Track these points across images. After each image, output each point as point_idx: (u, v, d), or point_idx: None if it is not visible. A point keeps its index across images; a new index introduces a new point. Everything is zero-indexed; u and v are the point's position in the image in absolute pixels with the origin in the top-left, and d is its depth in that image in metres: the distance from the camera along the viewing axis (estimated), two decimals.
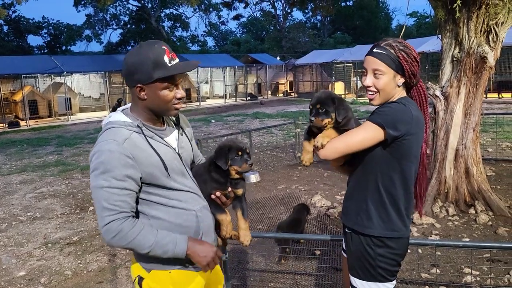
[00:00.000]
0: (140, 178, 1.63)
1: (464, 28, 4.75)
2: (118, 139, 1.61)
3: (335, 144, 1.80)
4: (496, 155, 7.69)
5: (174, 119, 1.88)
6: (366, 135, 1.77)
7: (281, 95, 28.21)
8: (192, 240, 1.70)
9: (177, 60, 1.68)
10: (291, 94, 27.75)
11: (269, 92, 28.52)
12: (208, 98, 26.86)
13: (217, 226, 1.89)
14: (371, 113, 1.85)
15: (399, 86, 1.84)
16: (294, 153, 8.74)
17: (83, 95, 22.88)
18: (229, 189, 1.86)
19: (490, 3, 4.48)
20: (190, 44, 43.03)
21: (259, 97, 26.35)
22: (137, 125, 1.68)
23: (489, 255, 3.92)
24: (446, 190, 5.10)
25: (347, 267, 2.20)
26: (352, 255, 1.94)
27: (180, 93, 1.71)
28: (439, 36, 5.22)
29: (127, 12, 36.78)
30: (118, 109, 1.79)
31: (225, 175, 1.85)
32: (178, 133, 1.85)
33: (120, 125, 1.66)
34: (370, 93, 1.85)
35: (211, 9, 39.70)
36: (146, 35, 34.86)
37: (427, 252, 4.07)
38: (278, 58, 32.07)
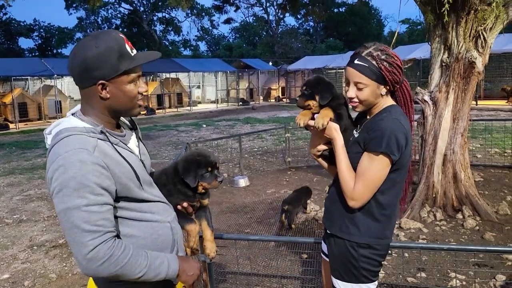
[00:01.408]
0: (115, 191, 1.41)
1: (453, 33, 4.78)
2: (87, 147, 1.36)
3: (358, 192, 1.76)
4: (485, 161, 7.74)
5: (127, 122, 1.68)
6: (379, 169, 1.74)
7: (273, 100, 28.27)
8: (180, 258, 1.56)
9: (135, 50, 1.50)
10: (283, 99, 27.83)
11: (261, 98, 28.56)
12: (199, 102, 26.83)
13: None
14: (367, 134, 1.79)
15: (382, 95, 1.82)
16: (284, 158, 8.72)
17: (73, 98, 22.68)
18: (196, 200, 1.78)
19: (479, 8, 4.52)
20: (182, 49, 43.07)
21: (251, 102, 26.37)
22: (101, 130, 1.43)
23: (475, 259, 3.93)
24: (434, 195, 5.10)
25: (327, 269, 2.19)
26: (335, 258, 1.92)
27: (144, 87, 1.51)
28: (430, 41, 5.25)
29: (119, 15, 36.78)
30: (66, 113, 1.53)
31: (193, 188, 1.75)
32: (136, 137, 1.66)
33: (79, 132, 1.39)
34: (353, 103, 1.84)
35: (203, 13, 39.76)
36: (138, 39, 34.81)
37: (414, 256, 4.07)
38: (270, 63, 32.18)
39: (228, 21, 45.05)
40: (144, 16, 34.22)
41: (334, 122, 1.87)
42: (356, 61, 1.77)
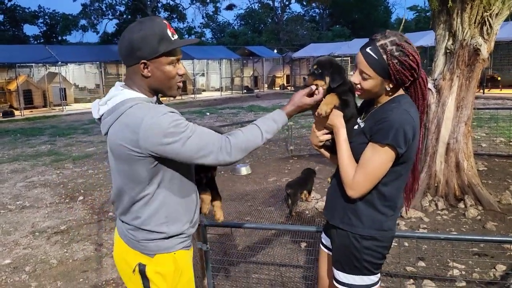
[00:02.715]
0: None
1: (458, 20, 4.69)
2: (162, 109, 1.57)
3: (357, 182, 1.71)
4: (489, 150, 7.66)
5: None
6: (383, 161, 1.68)
7: (278, 88, 28.11)
8: (282, 108, 1.80)
9: (176, 35, 1.66)
10: (288, 87, 27.65)
11: (266, 85, 28.41)
12: (204, 90, 26.74)
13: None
14: (374, 124, 1.72)
15: (388, 90, 1.74)
16: (287, 146, 8.69)
17: (78, 85, 22.74)
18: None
19: None
20: (187, 36, 42.69)
21: (255, 90, 26.25)
22: (155, 101, 1.68)
23: (476, 249, 3.90)
24: (436, 184, 5.06)
25: (323, 260, 2.16)
26: (337, 249, 1.89)
27: (182, 69, 1.68)
28: (434, 28, 5.15)
29: (123, 2, 36.46)
30: (118, 85, 1.69)
31: None
32: None
33: (146, 101, 1.62)
34: (356, 90, 1.78)
35: (208, 0, 39.35)
36: None
37: (413, 245, 4.05)
38: (275, 51, 31.92)
39: (230, 7, 44.61)
40: (149, 2, 33.92)
41: (339, 110, 1.81)
42: (368, 49, 1.68)
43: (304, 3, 44.03)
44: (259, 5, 44.41)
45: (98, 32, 39.24)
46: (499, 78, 18.98)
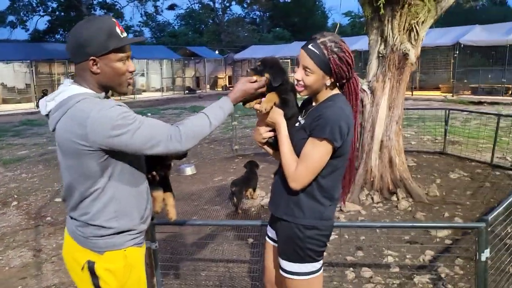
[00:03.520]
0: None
1: (389, 26, 5.05)
2: (109, 102, 1.61)
3: (299, 174, 1.83)
4: (418, 147, 8.27)
5: None
6: (321, 154, 1.81)
7: (220, 89, 28.14)
8: (227, 95, 1.86)
9: (125, 33, 1.68)
10: (230, 88, 27.75)
11: (208, 86, 28.33)
12: (144, 91, 26.11)
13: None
14: (312, 120, 1.86)
15: (327, 86, 1.88)
16: (231, 146, 8.79)
17: (6, 85, 21.27)
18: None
19: (412, 2, 4.81)
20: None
21: (197, 91, 26.10)
22: (104, 97, 1.68)
23: (407, 237, 4.24)
24: (371, 179, 5.41)
25: (269, 252, 2.26)
26: (282, 240, 1.99)
27: (132, 66, 1.70)
28: (368, 34, 5.50)
29: None
30: (66, 82, 1.70)
31: (161, 159, 1.98)
32: None
33: (92, 96, 1.62)
34: (299, 86, 1.89)
35: None
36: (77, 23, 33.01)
37: (352, 237, 4.31)
38: (216, 52, 31.90)
39: (172, 7, 43.91)
40: None
41: (279, 108, 1.93)
42: (310, 46, 1.82)
43: (245, 6, 44.41)
44: (200, 5, 44.11)
45: (28, 29, 36.88)
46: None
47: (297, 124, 1.98)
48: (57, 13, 35.67)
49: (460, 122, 10.83)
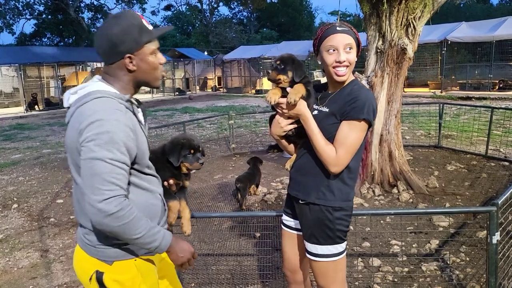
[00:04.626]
0: (135, 156, 1.53)
1: (387, 22, 5.14)
2: (121, 108, 1.50)
3: (340, 158, 1.88)
4: (413, 142, 8.41)
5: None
6: (359, 135, 1.90)
7: (210, 90, 28.09)
8: (174, 237, 1.64)
9: (151, 26, 1.63)
10: (220, 89, 27.76)
11: (198, 87, 28.27)
12: None
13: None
14: (343, 105, 1.91)
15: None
16: (228, 145, 8.82)
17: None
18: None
19: None
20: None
21: (187, 92, 26.03)
22: (128, 99, 1.58)
23: (411, 228, 4.33)
24: (372, 173, 5.49)
25: (288, 240, 2.28)
26: (311, 224, 2.02)
27: (163, 58, 1.65)
28: (366, 30, 5.59)
29: (42, 1, 34.16)
30: (95, 77, 1.62)
31: (177, 168, 1.92)
32: (143, 113, 1.74)
33: (111, 96, 1.53)
34: (342, 69, 1.92)
35: (134, 1, 38.14)
36: (65, 26, 32.63)
37: (358, 228, 4.39)
38: (205, 53, 31.86)
39: (168, 7, 43.65)
40: (71, 2, 32.11)
41: (304, 100, 1.97)
42: (339, 28, 1.91)
43: (232, 6, 44.44)
44: (187, 7, 43.99)
45: (15, 33, 36.33)
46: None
47: (315, 112, 2.03)
48: (43, 16, 35.24)
49: (451, 117, 11.02)
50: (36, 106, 18.62)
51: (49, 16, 34.25)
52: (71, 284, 3.64)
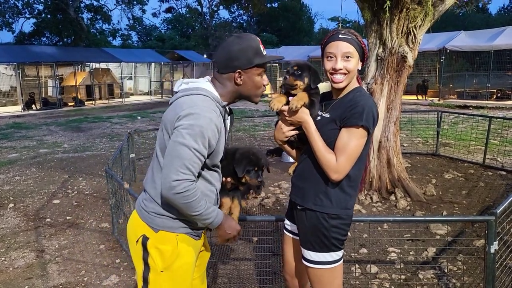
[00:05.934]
0: (211, 153, 1.78)
1: (387, 29, 5.17)
2: (216, 111, 1.76)
3: (341, 165, 1.89)
4: (410, 149, 8.42)
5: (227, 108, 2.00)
6: (359, 142, 1.90)
7: None
8: (225, 216, 1.92)
9: (265, 51, 1.87)
10: None
11: None
12: (132, 94, 25.90)
13: None
14: (344, 111, 1.92)
15: (358, 71, 2.00)
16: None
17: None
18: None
19: (410, 7, 4.93)
20: (111, 38, 40.90)
21: None
22: (224, 105, 1.84)
23: (408, 235, 4.34)
24: (370, 179, 5.50)
25: (288, 245, 2.31)
26: (307, 230, 2.04)
27: (266, 80, 1.90)
28: (367, 37, 5.62)
29: (42, 0, 34.10)
30: (206, 77, 1.89)
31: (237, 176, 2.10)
32: (230, 121, 2.02)
33: (213, 98, 1.79)
34: (338, 77, 1.95)
35: (134, 2, 38.15)
36: (64, 26, 32.55)
37: (356, 235, 4.39)
38: (205, 56, 31.88)
39: (169, 9, 43.69)
40: (70, 2, 32.07)
41: (306, 108, 1.99)
42: (341, 36, 1.93)
43: (232, 10, 44.55)
44: (187, 10, 44.05)
45: (14, 32, 36.25)
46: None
47: (318, 118, 2.04)
48: (43, 15, 35.18)
49: (448, 125, 11.07)
50: (33, 106, 18.55)
51: (49, 16, 34.20)
52: (66, 285, 3.62)
